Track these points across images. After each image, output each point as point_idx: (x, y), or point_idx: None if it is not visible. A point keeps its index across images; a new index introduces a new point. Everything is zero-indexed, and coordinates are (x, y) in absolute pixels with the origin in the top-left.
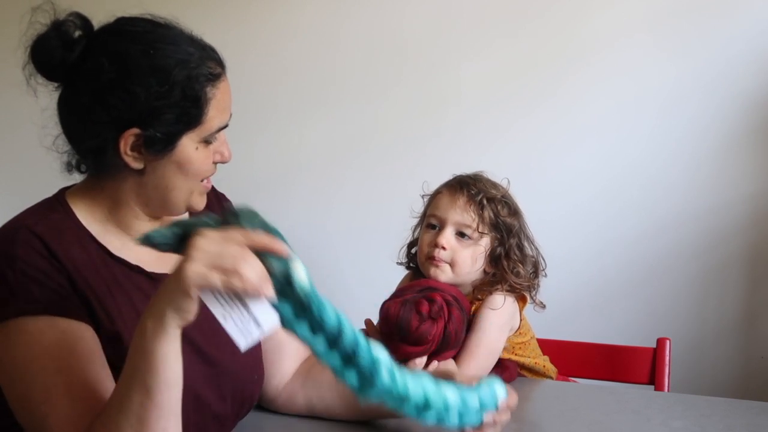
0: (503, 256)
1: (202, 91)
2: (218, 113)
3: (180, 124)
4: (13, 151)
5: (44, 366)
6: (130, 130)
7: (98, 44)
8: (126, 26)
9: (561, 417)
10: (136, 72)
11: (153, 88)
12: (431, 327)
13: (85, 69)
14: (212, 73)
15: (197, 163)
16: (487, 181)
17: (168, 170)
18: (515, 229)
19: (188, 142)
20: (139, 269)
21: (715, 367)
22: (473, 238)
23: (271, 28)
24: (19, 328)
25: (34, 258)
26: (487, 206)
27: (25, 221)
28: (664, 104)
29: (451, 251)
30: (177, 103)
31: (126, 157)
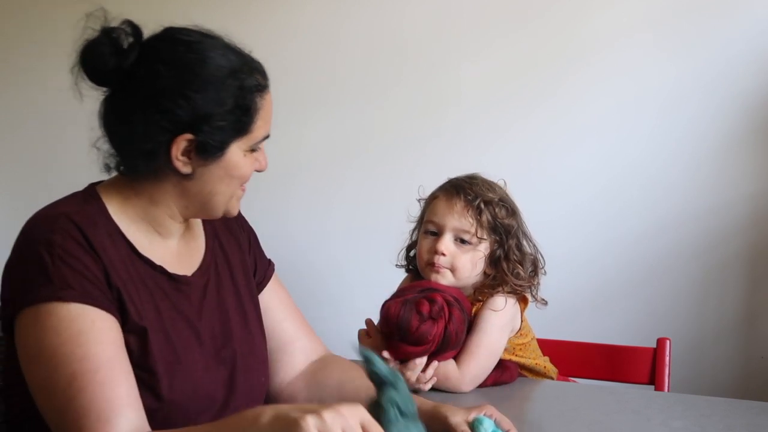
0: (503, 258)
1: (253, 101)
2: (264, 123)
3: (231, 131)
4: (14, 151)
5: (72, 352)
6: (183, 135)
7: (152, 51)
8: (177, 35)
9: (561, 417)
10: (192, 79)
11: (208, 95)
12: (432, 327)
13: (140, 75)
14: (261, 84)
15: (243, 170)
16: (483, 184)
17: (214, 175)
18: (514, 229)
19: (236, 149)
20: (162, 269)
21: (715, 367)
22: (472, 243)
23: (271, 28)
24: (50, 312)
25: (72, 245)
26: (484, 210)
27: (63, 209)
28: (664, 104)
29: (451, 257)
30: (230, 111)
31: (176, 161)
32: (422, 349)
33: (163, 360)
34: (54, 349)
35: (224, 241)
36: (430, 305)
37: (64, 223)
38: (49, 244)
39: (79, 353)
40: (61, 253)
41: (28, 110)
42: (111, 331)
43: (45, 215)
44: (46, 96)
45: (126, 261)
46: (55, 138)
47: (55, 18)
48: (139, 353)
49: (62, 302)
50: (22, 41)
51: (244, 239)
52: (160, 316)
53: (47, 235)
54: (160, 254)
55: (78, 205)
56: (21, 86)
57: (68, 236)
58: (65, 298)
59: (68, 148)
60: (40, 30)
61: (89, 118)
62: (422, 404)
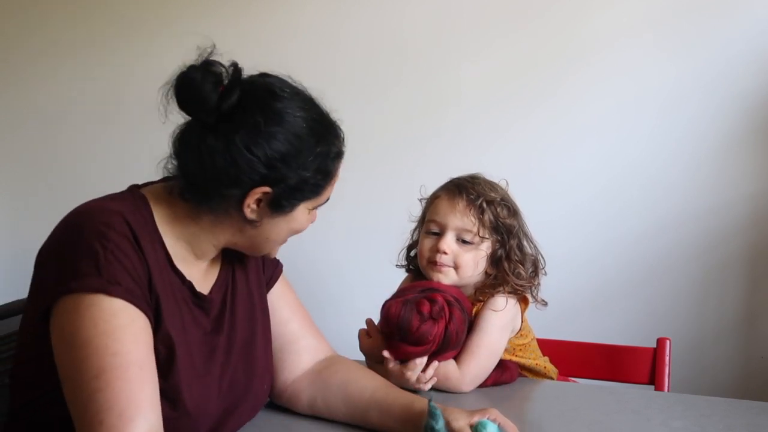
0: (504, 258)
1: (333, 168)
2: (333, 186)
3: (307, 193)
4: (14, 151)
5: (106, 345)
6: (261, 188)
7: (252, 99)
8: (275, 87)
9: (561, 417)
10: (286, 137)
11: (298, 158)
12: (432, 327)
13: (237, 120)
14: (339, 152)
15: (303, 225)
16: (485, 183)
17: (277, 227)
18: (515, 229)
19: (303, 208)
20: (190, 284)
21: (715, 367)
22: (474, 243)
23: (271, 28)
24: (92, 302)
25: (124, 244)
26: (486, 210)
27: (117, 208)
28: (664, 104)
29: (453, 256)
30: (311, 175)
31: (246, 208)
32: (423, 349)
33: (187, 372)
34: (89, 339)
35: None
36: (430, 305)
37: (119, 221)
38: (104, 237)
39: (113, 348)
40: (114, 249)
41: (28, 110)
42: (146, 333)
43: (99, 209)
44: (46, 96)
45: (163, 269)
46: (55, 138)
47: (56, 18)
48: (165, 362)
49: (108, 296)
50: (22, 41)
51: None
52: (185, 329)
53: (102, 228)
54: (190, 272)
55: (132, 206)
56: (21, 86)
57: (122, 233)
58: (112, 293)
59: (68, 148)
60: (40, 30)
61: (89, 118)
62: (423, 408)
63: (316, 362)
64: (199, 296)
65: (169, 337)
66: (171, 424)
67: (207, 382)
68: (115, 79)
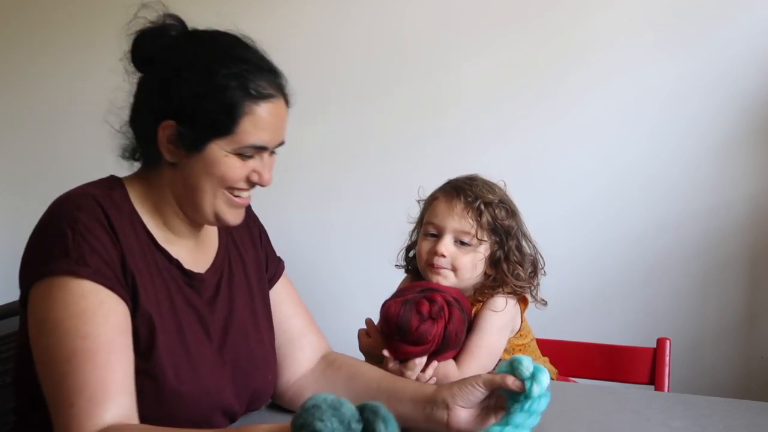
0: (503, 259)
1: (238, 103)
2: (255, 130)
3: (210, 128)
4: (14, 151)
5: (76, 327)
6: (167, 121)
7: (177, 44)
8: (206, 33)
9: (561, 417)
10: (187, 70)
11: (195, 87)
12: (431, 327)
13: (159, 61)
14: (259, 91)
15: (222, 169)
16: (483, 185)
17: (195, 169)
18: (513, 230)
19: (217, 148)
20: (177, 263)
21: (715, 367)
22: (472, 245)
23: (271, 28)
24: (63, 285)
25: (94, 225)
26: (485, 211)
27: (90, 191)
28: (664, 104)
29: (451, 258)
30: (212, 108)
31: (162, 147)
32: (422, 348)
33: (171, 352)
34: (60, 321)
35: (237, 238)
36: (430, 305)
37: (90, 203)
38: (73, 220)
39: (82, 330)
40: (83, 230)
41: (28, 110)
42: (117, 314)
43: (72, 194)
44: (46, 96)
45: (145, 249)
46: (55, 138)
47: (55, 18)
48: (146, 342)
49: (76, 277)
50: (23, 41)
51: (256, 234)
52: (173, 307)
53: (72, 211)
54: (176, 250)
55: (104, 189)
56: (21, 86)
57: (92, 216)
58: (79, 274)
59: (68, 149)
60: (40, 30)
61: (88, 118)
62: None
63: (318, 360)
64: (190, 274)
65: (149, 317)
66: (160, 404)
67: (198, 364)
68: (115, 79)
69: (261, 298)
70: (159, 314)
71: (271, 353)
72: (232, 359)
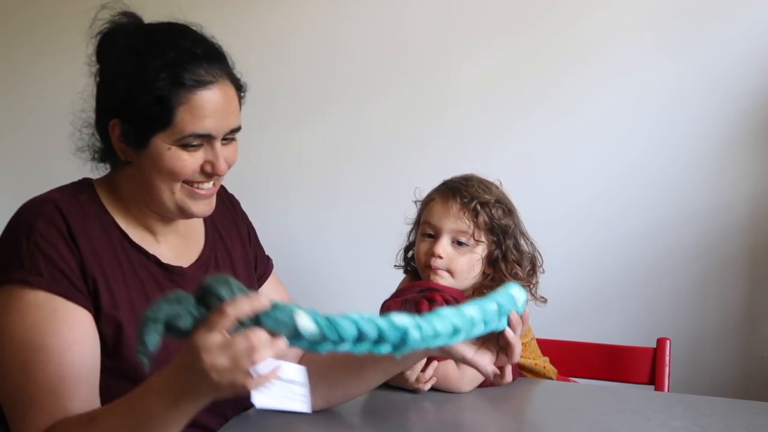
0: (501, 259)
1: (171, 94)
2: (193, 119)
3: (148, 122)
4: (13, 151)
5: (30, 339)
6: (113, 120)
7: (113, 40)
8: (145, 27)
9: (561, 417)
10: (121, 67)
11: (128, 83)
12: None
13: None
14: (193, 79)
15: (170, 162)
16: (479, 185)
17: (146, 166)
18: (511, 229)
19: (160, 142)
20: (155, 259)
21: (715, 367)
22: (469, 245)
23: (271, 29)
24: (16, 295)
25: (51, 234)
26: (481, 212)
27: (53, 196)
28: (664, 104)
29: (448, 259)
30: (147, 102)
31: (115, 146)
32: None
33: None
34: (14, 333)
35: (225, 235)
36: (430, 305)
37: (49, 210)
38: (30, 229)
39: (35, 342)
40: (38, 240)
41: (29, 110)
42: (71, 323)
43: (35, 201)
44: (46, 96)
45: (117, 250)
46: (55, 138)
47: (55, 18)
48: (113, 342)
49: (30, 287)
50: (22, 41)
51: (244, 232)
52: (149, 305)
53: (30, 220)
54: (154, 246)
55: (70, 193)
56: (21, 86)
57: (50, 223)
58: (33, 284)
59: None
60: (40, 30)
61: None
62: None
63: (306, 358)
64: (170, 269)
65: (115, 319)
66: None
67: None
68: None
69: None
70: (131, 313)
71: None
72: None
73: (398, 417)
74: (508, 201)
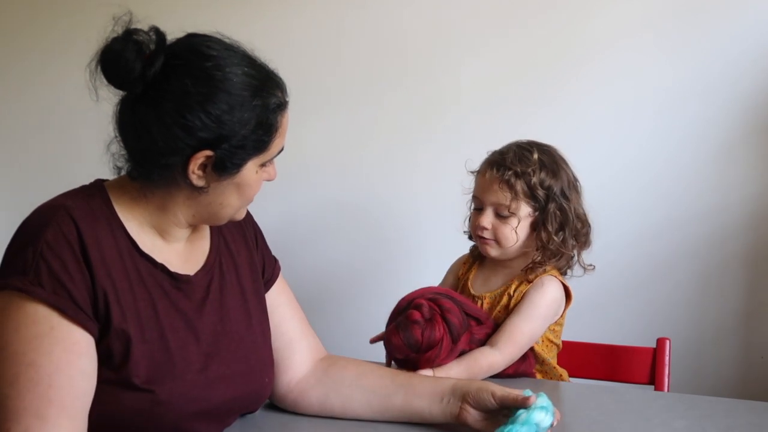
0: (542, 225)
1: (275, 120)
2: (280, 139)
3: (251, 150)
4: (14, 151)
5: (23, 352)
6: (203, 152)
7: (179, 63)
8: (202, 48)
9: (561, 417)
10: (218, 96)
11: (233, 115)
12: (432, 329)
13: (165, 86)
14: (282, 103)
15: (255, 186)
16: (515, 155)
17: (227, 190)
18: (554, 192)
19: (251, 166)
20: (163, 267)
21: (715, 367)
22: (511, 215)
23: (270, 29)
24: (16, 303)
25: (60, 244)
26: (517, 182)
27: (65, 202)
28: (664, 105)
29: (493, 230)
30: (252, 130)
31: (192, 175)
32: (437, 350)
33: (153, 360)
34: (8, 342)
35: (230, 239)
36: (418, 311)
37: (61, 218)
38: (38, 236)
39: (29, 357)
40: (45, 251)
41: (29, 110)
42: (65, 342)
43: (47, 206)
44: (47, 96)
45: (125, 258)
46: (56, 138)
47: (60, 21)
48: (121, 356)
49: (30, 298)
50: (23, 41)
51: (251, 236)
52: (156, 314)
53: (40, 227)
54: (164, 255)
55: (82, 198)
56: (22, 86)
57: (60, 233)
58: (33, 294)
59: (71, 149)
60: (41, 29)
61: (87, 118)
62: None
63: (317, 361)
64: (177, 277)
65: (122, 331)
66: (147, 412)
67: (183, 370)
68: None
69: (256, 300)
70: (138, 325)
71: (267, 355)
72: (224, 362)
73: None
74: (553, 163)
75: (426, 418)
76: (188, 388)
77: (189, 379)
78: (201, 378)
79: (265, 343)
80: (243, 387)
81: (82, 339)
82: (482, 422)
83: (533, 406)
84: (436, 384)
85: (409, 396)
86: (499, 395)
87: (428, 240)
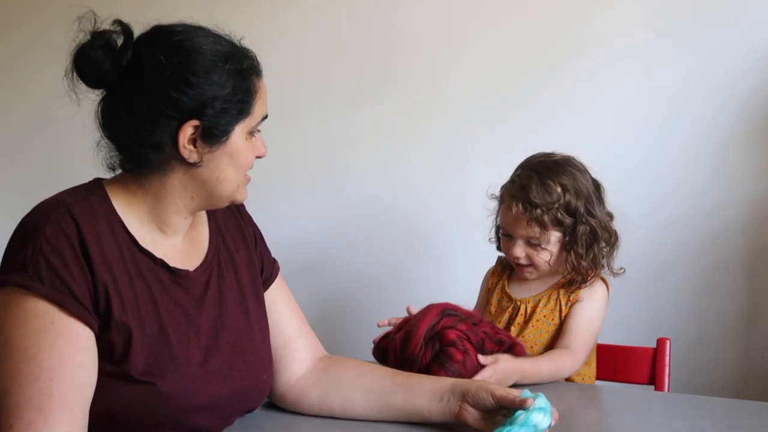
0: (573, 247)
1: (252, 83)
2: (261, 105)
3: (235, 114)
4: (10, 151)
5: (24, 348)
6: (189, 122)
7: (148, 45)
8: (169, 29)
9: (561, 417)
10: (193, 64)
11: (210, 79)
12: (468, 358)
13: (139, 69)
14: (254, 66)
15: (246, 154)
16: (538, 187)
17: (221, 162)
18: (580, 213)
19: (239, 132)
20: (162, 263)
21: (715, 367)
22: (542, 243)
23: (269, 29)
24: (16, 299)
25: (59, 240)
26: (546, 215)
27: (64, 199)
28: (664, 106)
29: (527, 257)
30: (232, 94)
31: (183, 150)
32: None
33: (153, 353)
34: (9, 337)
35: (229, 238)
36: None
37: (60, 214)
38: (37, 233)
39: (30, 352)
40: (44, 246)
41: (30, 110)
42: (66, 337)
43: (46, 203)
44: (48, 96)
45: (125, 253)
46: (56, 138)
47: (57, 17)
48: (122, 349)
49: (30, 293)
50: (24, 41)
51: (249, 236)
52: (156, 309)
53: (40, 223)
54: (163, 250)
55: (81, 195)
56: (22, 86)
57: (59, 229)
58: (32, 290)
59: (70, 149)
60: (41, 29)
61: (90, 118)
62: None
63: (316, 360)
64: (176, 272)
65: (124, 324)
66: (142, 406)
67: (184, 364)
68: None
69: (254, 298)
70: (138, 319)
71: (265, 353)
72: (223, 357)
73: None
74: (574, 182)
75: (426, 418)
76: (189, 382)
77: (189, 373)
78: (201, 372)
79: (263, 340)
80: (241, 382)
81: (83, 333)
82: (482, 422)
83: (532, 407)
84: (436, 383)
85: (409, 395)
86: (497, 395)
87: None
